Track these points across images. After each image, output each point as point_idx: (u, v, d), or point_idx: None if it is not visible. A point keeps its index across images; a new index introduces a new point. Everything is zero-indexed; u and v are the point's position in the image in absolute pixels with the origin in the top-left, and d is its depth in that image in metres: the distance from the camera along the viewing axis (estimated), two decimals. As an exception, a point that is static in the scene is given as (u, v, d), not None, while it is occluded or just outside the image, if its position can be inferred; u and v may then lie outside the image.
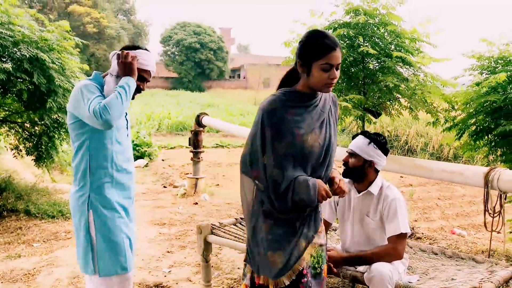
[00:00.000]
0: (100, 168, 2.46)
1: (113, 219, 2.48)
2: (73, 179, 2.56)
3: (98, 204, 2.45)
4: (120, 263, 2.50)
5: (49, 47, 5.55)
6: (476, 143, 4.16)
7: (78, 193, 2.46)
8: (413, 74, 3.76)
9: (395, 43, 3.68)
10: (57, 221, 5.81)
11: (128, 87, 2.42)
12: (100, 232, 2.45)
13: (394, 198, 2.74)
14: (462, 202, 9.26)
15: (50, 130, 6.07)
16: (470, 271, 2.97)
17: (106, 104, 2.30)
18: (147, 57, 2.56)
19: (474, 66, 4.02)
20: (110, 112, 2.28)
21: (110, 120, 2.30)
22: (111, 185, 2.50)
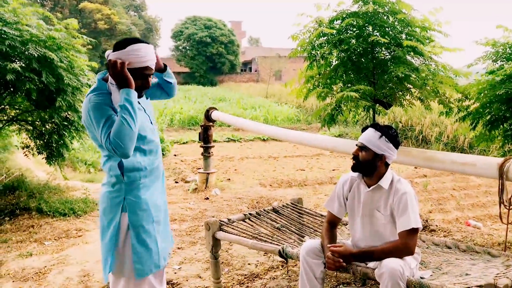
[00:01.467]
0: (134, 171, 2.40)
1: (147, 220, 2.45)
2: (105, 180, 2.49)
3: (134, 206, 2.41)
4: (155, 262, 2.49)
5: (57, 45, 5.54)
6: (491, 133, 4.04)
7: (112, 194, 2.42)
8: (424, 64, 3.64)
9: (406, 32, 3.57)
10: (69, 219, 5.82)
11: (129, 104, 2.22)
12: (136, 234, 2.42)
13: (405, 192, 2.65)
14: (478, 192, 9.07)
15: (60, 129, 6.09)
16: (485, 265, 2.88)
17: (115, 137, 2.16)
18: (142, 52, 2.32)
19: (488, 53, 3.89)
20: (122, 144, 2.17)
21: (126, 152, 2.20)
22: (145, 184, 2.46)
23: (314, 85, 3.97)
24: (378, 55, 3.64)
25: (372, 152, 2.68)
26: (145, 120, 2.51)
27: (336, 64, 3.91)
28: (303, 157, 13.30)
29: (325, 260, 2.70)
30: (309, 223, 3.93)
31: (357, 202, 2.85)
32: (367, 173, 2.76)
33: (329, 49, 3.68)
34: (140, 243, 2.43)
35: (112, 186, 2.43)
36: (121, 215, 2.41)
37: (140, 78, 2.36)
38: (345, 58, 3.75)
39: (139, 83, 2.36)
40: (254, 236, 3.46)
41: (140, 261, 2.43)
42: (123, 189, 2.41)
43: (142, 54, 2.32)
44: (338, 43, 3.65)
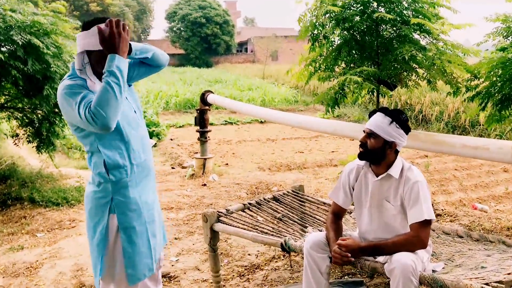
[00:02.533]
0: (119, 167, 2.20)
1: (138, 221, 2.27)
2: (90, 179, 2.30)
3: (123, 207, 2.22)
4: (148, 265, 2.31)
5: (44, 31, 5.28)
6: (502, 113, 3.84)
7: (98, 194, 2.22)
8: (432, 42, 3.42)
9: (413, 8, 3.34)
10: (62, 209, 5.64)
11: (118, 72, 1.96)
12: (127, 236, 2.23)
13: (416, 181, 2.46)
14: (480, 172, 8.93)
15: (50, 116, 5.86)
16: (501, 256, 2.71)
17: (97, 105, 1.92)
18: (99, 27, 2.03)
19: (498, 29, 3.67)
20: (104, 113, 1.91)
21: (107, 122, 1.94)
22: (133, 182, 2.26)
23: (316, 68, 3.75)
24: (382, 33, 3.41)
25: (382, 139, 2.48)
26: (128, 109, 2.28)
27: (339, 44, 3.68)
28: (301, 139, 13.12)
29: (331, 254, 2.53)
30: (312, 211, 3.75)
31: (365, 192, 2.66)
32: (375, 161, 2.56)
33: (332, 28, 3.46)
34: (131, 246, 2.24)
35: (98, 186, 2.23)
36: (109, 216, 2.20)
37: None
38: (348, 37, 3.53)
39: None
40: (254, 227, 3.28)
41: (132, 265, 2.25)
42: (109, 188, 2.20)
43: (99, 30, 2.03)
44: (342, 21, 3.42)
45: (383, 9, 3.46)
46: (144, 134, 2.38)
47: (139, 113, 2.40)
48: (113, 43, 2.00)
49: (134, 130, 2.28)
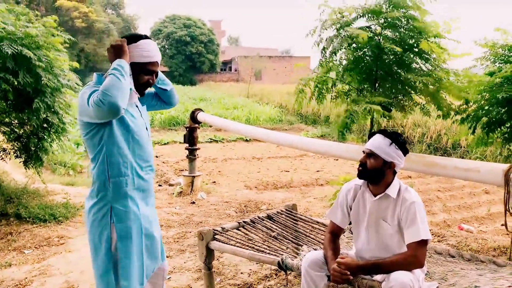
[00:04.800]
0: (120, 176, 2.27)
1: (137, 231, 2.31)
2: (89, 192, 2.34)
3: (121, 215, 2.27)
4: (139, 278, 2.34)
5: (35, 44, 5.28)
6: (489, 136, 3.97)
7: (98, 205, 2.27)
8: (431, 71, 3.53)
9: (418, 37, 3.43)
10: (49, 225, 5.57)
11: (120, 67, 2.16)
12: (124, 246, 2.26)
13: (413, 201, 2.54)
14: (463, 193, 9.11)
15: (39, 131, 5.82)
16: (493, 276, 2.78)
17: (103, 88, 2.07)
18: (150, 47, 2.33)
19: (487, 54, 3.82)
20: (110, 93, 2.05)
21: (114, 102, 2.05)
22: (133, 193, 2.32)
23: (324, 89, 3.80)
24: (383, 57, 3.51)
25: (381, 160, 2.56)
26: (141, 125, 2.38)
27: (346, 66, 3.77)
28: (286, 157, 13.21)
29: (330, 273, 2.57)
30: (305, 230, 3.79)
31: (362, 211, 2.72)
32: (374, 181, 2.63)
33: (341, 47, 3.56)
34: (127, 257, 2.26)
35: (97, 195, 2.28)
36: (111, 226, 2.25)
37: (147, 73, 2.34)
38: (354, 58, 3.63)
39: (145, 78, 2.34)
40: (250, 246, 3.31)
41: (127, 277, 2.27)
42: (109, 197, 2.26)
43: (151, 49, 2.33)
44: (351, 41, 3.52)
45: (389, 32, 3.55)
46: (150, 152, 2.46)
47: (149, 132, 2.50)
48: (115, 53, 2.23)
49: (142, 145, 2.38)
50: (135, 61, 2.29)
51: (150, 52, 2.32)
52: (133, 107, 2.38)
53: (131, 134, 2.29)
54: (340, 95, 3.86)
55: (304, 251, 3.36)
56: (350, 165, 11.61)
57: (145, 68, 2.32)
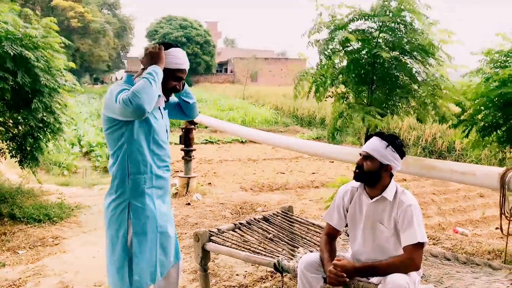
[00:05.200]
0: (139, 174, 2.37)
1: (152, 228, 2.39)
2: (109, 188, 2.43)
3: (139, 211, 2.36)
4: (151, 274, 2.42)
5: (34, 44, 5.27)
6: (485, 139, 3.99)
7: (116, 201, 2.37)
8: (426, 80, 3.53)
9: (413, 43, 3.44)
10: (44, 226, 5.54)
11: (155, 73, 2.27)
12: (139, 242, 2.35)
13: (409, 204, 2.54)
14: (457, 197, 9.15)
15: (35, 131, 5.80)
16: (488, 279, 2.80)
17: (134, 90, 2.17)
18: (181, 54, 2.48)
19: (483, 61, 3.84)
20: (139, 96, 2.14)
21: (141, 104, 2.14)
22: (151, 191, 2.41)
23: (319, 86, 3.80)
24: (379, 60, 3.51)
25: (378, 162, 2.56)
26: (162, 127, 2.50)
27: (341, 68, 3.77)
28: (282, 159, 13.22)
29: (326, 275, 2.57)
30: (301, 232, 3.79)
31: (359, 213, 2.72)
32: (371, 184, 2.64)
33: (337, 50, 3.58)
34: (141, 252, 2.35)
35: (116, 191, 2.37)
36: (128, 221, 2.34)
37: (175, 79, 2.47)
38: (349, 61, 3.64)
39: (173, 84, 2.47)
40: (246, 247, 3.30)
41: (139, 272, 2.34)
42: (127, 193, 2.35)
43: (182, 56, 2.48)
44: (344, 43, 3.53)
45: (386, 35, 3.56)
46: (168, 153, 2.56)
47: (168, 135, 2.60)
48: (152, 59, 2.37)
49: (162, 146, 2.48)
50: (165, 67, 2.40)
51: (180, 60, 2.46)
52: (157, 110, 2.48)
53: (152, 135, 2.40)
54: (336, 96, 3.87)
55: (300, 253, 3.36)
56: (346, 167, 11.63)
57: (174, 75, 2.46)
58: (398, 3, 3.47)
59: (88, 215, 6.17)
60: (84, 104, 25.51)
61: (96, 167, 11.08)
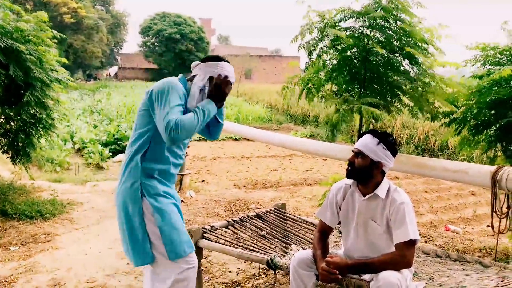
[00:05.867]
0: (154, 161, 2.48)
1: (168, 204, 2.50)
2: (121, 170, 2.53)
3: (150, 190, 2.46)
4: (186, 242, 2.53)
5: (25, 38, 5.23)
6: (475, 138, 4.01)
7: (130, 180, 2.45)
8: (419, 75, 3.54)
9: (405, 40, 3.45)
10: (36, 222, 5.51)
11: (208, 114, 2.45)
12: (161, 216, 2.44)
13: (402, 202, 2.56)
14: (449, 195, 9.20)
15: (27, 126, 5.76)
16: (479, 276, 2.82)
17: (182, 122, 2.30)
18: (230, 68, 2.60)
19: (477, 56, 3.85)
20: (180, 132, 2.29)
21: (177, 139, 2.32)
22: (161, 181, 2.52)
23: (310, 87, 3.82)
24: (370, 58, 3.52)
25: (369, 159, 2.57)
26: None
27: (333, 66, 3.78)
28: (275, 157, 13.22)
29: (319, 272, 2.58)
30: (294, 229, 3.81)
31: (351, 211, 2.73)
32: (362, 181, 2.65)
33: (327, 49, 3.58)
34: (167, 224, 2.44)
35: (129, 173, 2.45)
36: (142, 199, 2.44)
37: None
38: (340, 59, 3.64)
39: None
40: (239, 244, 3.31)
41: (170, 242, 2.44)
42: (139, 173, 2.44)
43: (230, 70, 2.60)
44: (335, 42, 3.54)
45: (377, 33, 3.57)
46: (184, 154, 2.69)
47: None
48: (217, 95, 2.54)
49: (181, 148, 2.65)
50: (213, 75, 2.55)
51: (229, 73, 2.58)
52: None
53: None
54: (329, 95, 3.87)
55: (292, 250, 3.38)
56: (339, 165, 11.66)
57: (218, 86, 2.55)
58: (389, 1, 3.48)
59: (80, 211, 6.15)
60: (77, 101, 25.39)
61: (88, 164, 11.02)
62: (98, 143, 12.42)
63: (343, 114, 3.45)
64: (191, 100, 2.51)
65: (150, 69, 48.90)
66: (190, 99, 2.51)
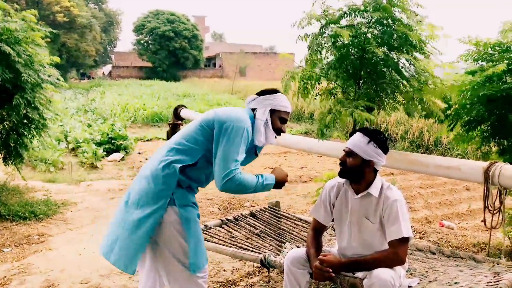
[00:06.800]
0: (190, 178, 2.46)
1: (195, 213, 2.49)
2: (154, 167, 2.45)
3: (182, 200, 2.42)
4: (205, 254, 2.52)
5: (14, 39, 5.18)
6: (469, 133, 4.01)
7: (160, 185, 2.39)
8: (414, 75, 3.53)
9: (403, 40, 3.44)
10: (30, 223, 5.49)
11: (266, 187, 2.55)
12: (188, 226, 2.42)
13: (395, 199, 2.55)
14: (444, 190, 9.23)
15: (19, 127, 5.72)
16: (472, 272, 2.83)
17: (240, 181, 2.35)
18: (286, 99, 2.68)
19: (470, 51, 3.83)
20: (234, 187, 2.35)
21: (226, 190, 2.37)
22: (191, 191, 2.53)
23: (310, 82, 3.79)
24: (367, 56, 3.50)
25: (360, 158, 2.56)
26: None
27: (331, 62, 3.76)
28: (270, 154, 13.22)
29: (312, 270, 2.58)
30: (288, 228, 3.81)
31: (345, 209, 2.73)
32: (355, 180, 2.64)
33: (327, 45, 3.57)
34: (194, 236, 2.43)
35: (164, 177, 2.40)
36: (167, 208, 2.39)
37: (281, 121, 2.64)
38: (338, 56, 3.62)
39: (279, 125, 2.63)
40: (233, 243, 3.31)
41: (194, 254, 2.42)
42: (174, 183, 2.40)
43: (286, 101, 2.67)
44: (335, 38, 3.52)
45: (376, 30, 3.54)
46: None
47: None
48: (279, 185, 2.68)
49: None
50: (276, 108, 2.61)
51: (286, 104, 2.65)
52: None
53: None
54: (324, 93, 3.86)
55: (286, 249, 3.38)
56: (333, 162, 11.67)
57: (282, 116, 2.64)
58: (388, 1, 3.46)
59: (74, 211, 6.12)
60: (71, 100, 25.23)
61: (82, 164, 10.97)
62: (92, 142, 12.35)
63: (335, 116, 3.44)
64: (259, 136, 2.54)
65: (144, 67, 48.73)
66: (257, 135, 2.54)
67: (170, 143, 2.51)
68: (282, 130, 2.67)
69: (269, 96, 2.63)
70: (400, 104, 3.71)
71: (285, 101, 2.66)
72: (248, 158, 2.71)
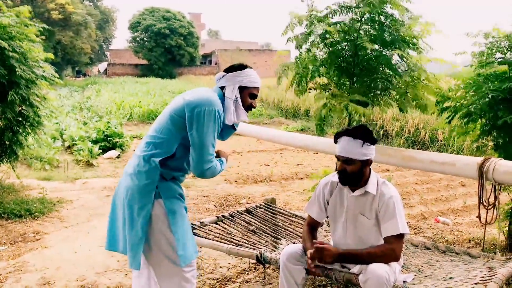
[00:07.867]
0: (172, 169, 2.47)
1: (181, 206, 2.51)
2: (134, 165, 2.47)
3: (167, 192, 2.45)
4: (194, 246, 2.55)
5: (8, 34, 5.15)
6: (468, 126, 3.98)
7: (144, 180, 2.41)
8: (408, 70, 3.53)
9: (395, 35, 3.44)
10: (25, 221, 5.47)
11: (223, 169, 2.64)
12: (174, 218, 2.43)
13: (391, 196, 2.56)
14: (440, 186, 9.24)
15: (13, 125, 5.69)
16: (467, 267, 2.85)
17: (216, 167, 2.48)
18: (255, 74, 2.66)
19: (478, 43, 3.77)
20: (211, 175, 2.47)
21: (204, 177, 2.48)
22: (176, 180, 2.55)
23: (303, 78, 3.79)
24: (360, 53, 3.51)
25: (359, 162, 2.56)
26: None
27: (323, 59, 3.76)
28: (267, 151, 13.21)
29: (308, 257, 2.58)
30: (284, 224, 3.81)
31: (340, 206, 2.74)
32: (356, 183, 2.63)
33: (317, 43, 3.58)
34: (180, 228, 2.44)
35: (145, 172, 2.41)
36: (154, 202, 2.41)
37: (251, 97, 2.64)
38: (330, 53, 3.63)
39: (249, 101, 2.63)
40: (229, 240, 3.31)
41: (183, 247, 2.42)
42: (157, 176, 2.41)
43: (255, 75, 2.66)
44: (324, 36, 3.53)
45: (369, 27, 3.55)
46: None
47: None
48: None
49: None
50: (245, 85, 2.59)
51: (255, 79, 2.64)
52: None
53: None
54: (318, 88, 3.86)
55: (282, 245, 3.38)
56: (329, 159, 11.68)
57: (251, 92, 2.63)
58: None
59: (70, 209, 6.11)
60: (66, 97, 25.11)
61: (78, 161, 10.92)
62: (88, 140, 12.29)
63: (330, 109, 3.45)
64: (229, 115, 2.54)
65: (140, 65, 48.63)
66: (228, 114, 2.54)
67: (146, 137, 2.53)
68: (252, 105, 2.66)
69: (237, 73, 2.61)
70: (394, 100, 3.71)
71: (254, 76, 2.64)
72: (227, 133, 2.76)
